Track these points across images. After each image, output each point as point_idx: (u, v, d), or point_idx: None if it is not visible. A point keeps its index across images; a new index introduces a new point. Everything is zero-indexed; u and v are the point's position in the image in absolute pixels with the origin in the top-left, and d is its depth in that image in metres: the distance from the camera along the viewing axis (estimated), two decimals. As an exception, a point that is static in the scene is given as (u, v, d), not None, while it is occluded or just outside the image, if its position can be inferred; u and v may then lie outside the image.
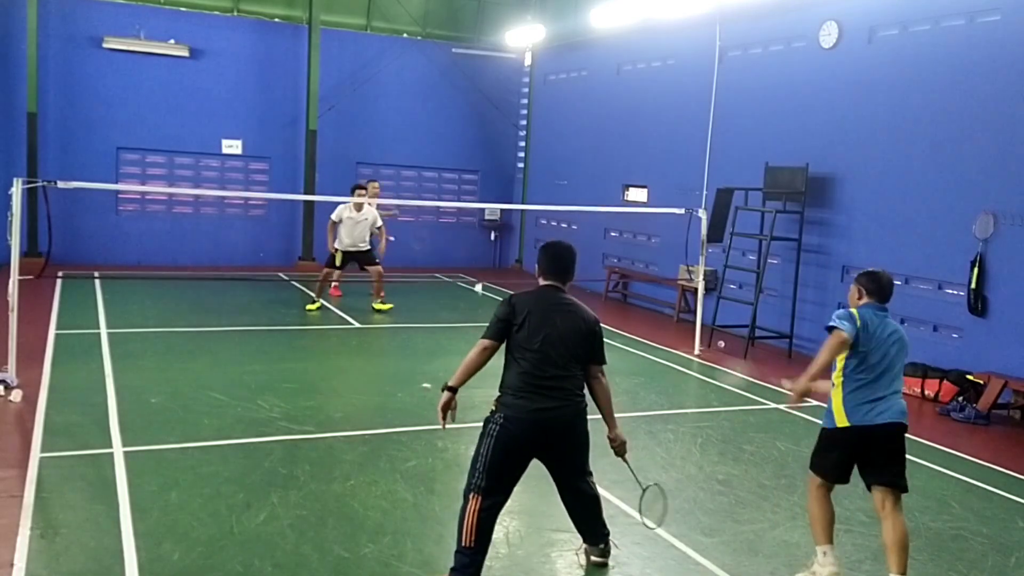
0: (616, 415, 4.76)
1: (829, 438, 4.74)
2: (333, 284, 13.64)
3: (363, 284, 13.82)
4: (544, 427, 4.35)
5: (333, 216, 12.25)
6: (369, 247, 12.51)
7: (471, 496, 4.31)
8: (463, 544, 4.25)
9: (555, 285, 4.58)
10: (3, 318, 8.02)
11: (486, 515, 4.29)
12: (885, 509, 4.61)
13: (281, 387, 8.13)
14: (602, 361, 4.62)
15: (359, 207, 12.14)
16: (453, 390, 4.53)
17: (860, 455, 4.67)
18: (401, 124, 18.06)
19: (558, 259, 4.62)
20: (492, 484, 4.31)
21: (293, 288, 14.58)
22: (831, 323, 4.66)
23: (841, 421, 4.65)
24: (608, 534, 4.81)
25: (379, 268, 12.51)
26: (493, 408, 4.41)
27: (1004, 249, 9.00)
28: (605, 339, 4.68)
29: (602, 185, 15.90)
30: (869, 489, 4.71)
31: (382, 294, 12.63)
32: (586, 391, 4.56)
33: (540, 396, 4.32)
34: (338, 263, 12.33)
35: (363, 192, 12.28)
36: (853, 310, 4.73)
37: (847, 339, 4.56)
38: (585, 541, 4.82)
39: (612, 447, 4.74)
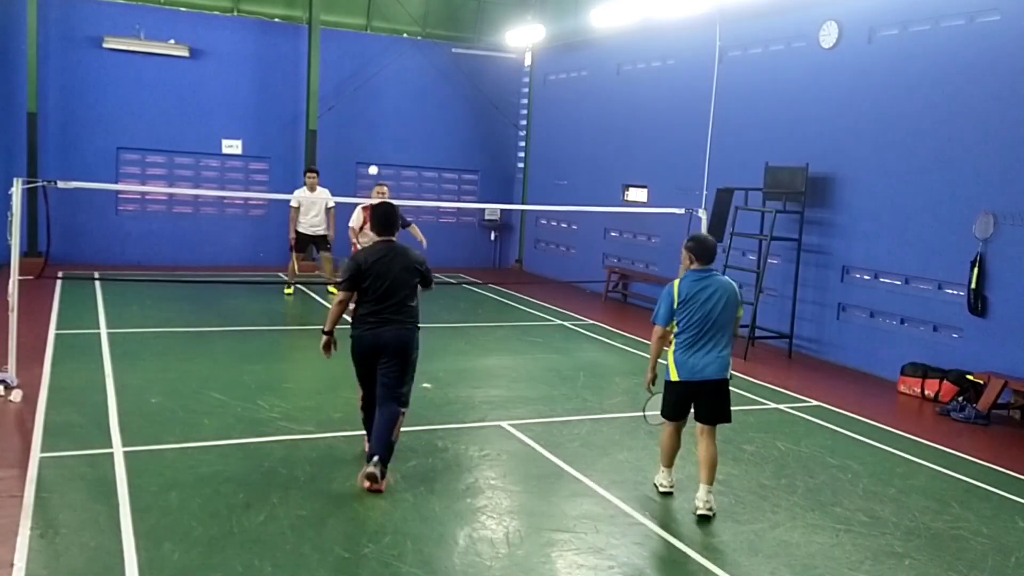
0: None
1: (666, 387, 5.73)
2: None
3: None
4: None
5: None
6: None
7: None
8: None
9: (388, 240, 5.97)
10: (3, 318, 8.02)
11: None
12: (702, 435, 5.67)
13: (281, 387, 8.14)
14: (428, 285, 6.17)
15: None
16: (328, 333, 5.95)
17: (691, 400, 5.67)
18: (401, 124, 18.06)
19: (385, 217, 6.03)
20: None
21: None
22: (653, 318, 5.76)
23: (673, 375, 5.65)
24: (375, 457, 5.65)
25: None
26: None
27: (1004, 249, 9.00)
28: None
29: (602, 185, 15.90)
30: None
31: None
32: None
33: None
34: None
35: (383, 193, 11.74)
36: (675, 283, 5.66)
37: (664, 330, 5.65)
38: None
39: None
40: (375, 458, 5.60)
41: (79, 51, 15.56)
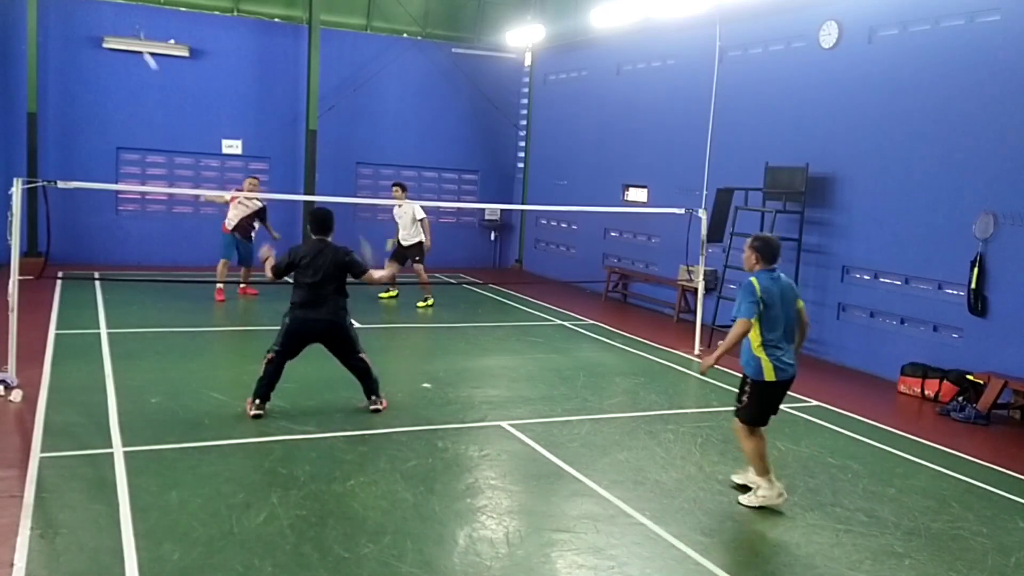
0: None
1: (759, 390, 5.72)
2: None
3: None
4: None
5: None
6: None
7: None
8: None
9: (321, 239, 7.27)
10: (3, 318, 8.01)
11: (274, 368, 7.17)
12: (765, 434, 5.89)
13: (281, 387, 8.09)
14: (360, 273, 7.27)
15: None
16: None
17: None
18: (401, 124, 18.06)
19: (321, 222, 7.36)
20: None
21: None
22: (735, 314, 5.64)
23: (769, 375, 5.65)
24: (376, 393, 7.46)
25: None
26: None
27: (1004, 249, 9.00)
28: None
29: (602, 185, 15.90)
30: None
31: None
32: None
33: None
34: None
35: (255, 185, 13.33)
36: (753, 280, 5.66)
37: (749, 323, 5.57)
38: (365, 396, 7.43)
39: None
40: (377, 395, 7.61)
41: (79, 51, 15.55)
